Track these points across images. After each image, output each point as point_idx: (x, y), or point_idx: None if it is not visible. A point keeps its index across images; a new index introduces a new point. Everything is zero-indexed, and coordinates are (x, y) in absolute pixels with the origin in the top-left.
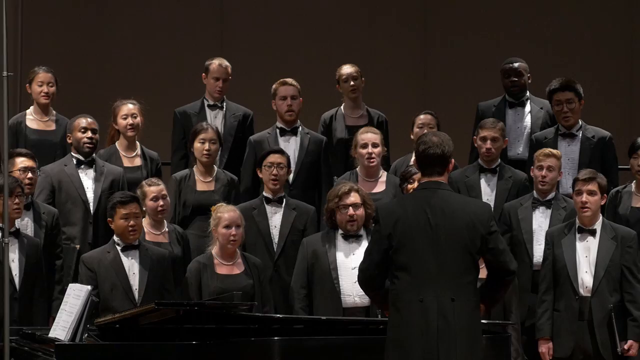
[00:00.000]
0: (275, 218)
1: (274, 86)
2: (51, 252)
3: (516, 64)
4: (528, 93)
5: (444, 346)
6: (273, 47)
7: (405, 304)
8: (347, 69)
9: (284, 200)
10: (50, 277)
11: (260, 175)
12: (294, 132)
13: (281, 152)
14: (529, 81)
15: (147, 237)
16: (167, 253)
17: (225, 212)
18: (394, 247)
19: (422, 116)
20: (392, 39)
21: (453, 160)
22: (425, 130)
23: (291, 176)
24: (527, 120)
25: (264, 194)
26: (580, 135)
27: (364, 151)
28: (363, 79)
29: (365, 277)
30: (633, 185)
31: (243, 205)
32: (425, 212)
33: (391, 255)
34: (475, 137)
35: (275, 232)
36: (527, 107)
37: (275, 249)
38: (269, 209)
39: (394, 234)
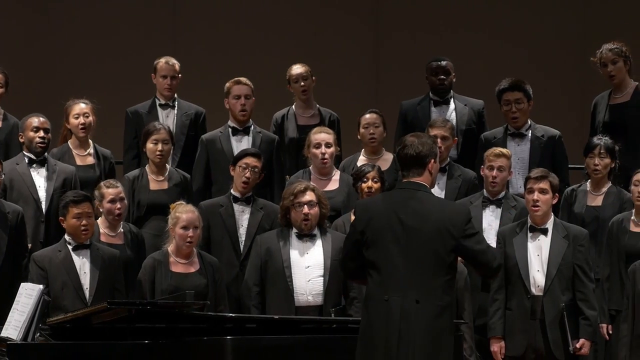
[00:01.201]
0: (243, 217)
1: (227, 85)
2: (16, 252)
3: (444, 62)
4: (452, 91)
5: (404, 348)
6: (225, 45)
7: (373, 303)
8: (297, 69)
9: (252, 199)
10: (16, 276)
11: (232, 174)
12: (246, 131)
13: (258, 155)
14: (454, 80)
15: (102, 239)
16: (118, 253)
17: (183, 213)
18: (366, 244)
19: (367, 115)
20: (344, 37)
21: (432, 161)
22: (371, 130)
23: None
24: (452, 117)
25: (232, 192)
26: (530, 134)
27: (317, 151)
28: (314, 78)
29: (343, 270)
30: (588, 184)
31: (210, 201)
32: (399, 212)
33: (363, 252)
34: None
35: (242, 231)
36: (452, 105)
37: (241, 249)
38: (236, 207)
39: (366, 230)
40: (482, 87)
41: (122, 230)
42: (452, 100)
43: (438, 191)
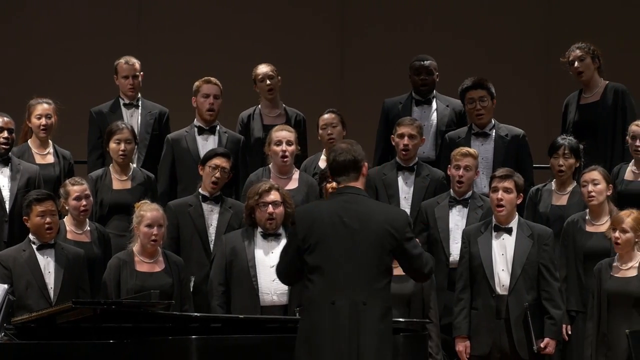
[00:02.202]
0: (212, 216)
1: (196, 83)
2: None
3: (427, 62)
4: (435, 91)
5: (354, 350)
6: (190, 46)
7: (317, 307)
8: (262, 69)
9: (221, 199)
10: None
11: (201, 173)
12: (212, 130)
13: (228, 156)
14: (437, 79)
15: (69, 236)
16: (83, 252)
17: (148, 211)
18: (309, 249)
19: (325, 116)
20: (309, 36)
21: (367, 165)
22: (329, 130)
23: None
24: (434, 117)
25: (201, 191)
26: (494, 134)
27: (277, 149)
28: (279, 78)
29: (282, 276)
30: (553, 183)
31: (179, 201)
32: (341, 216)
33: (305, 258)
34: (392, 135)
35: (212, 230)
36: (434, 105)
37: (211, 248)
38: (205, 207)
39: (308, 236)
40: (448, 85)
41: (88, 228)
42: (434, 100)
43: (406, 190)
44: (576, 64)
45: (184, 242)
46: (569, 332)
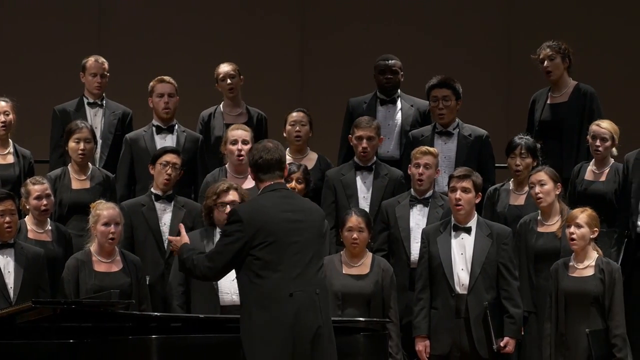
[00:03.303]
0: (165, 216)
1: (151, 83)
2: None
3: (391, 62)
4: (399, 90)
5: (317, 339)
6: (151, 45)
7: (275, 301)
8: (224, 68)
9: (173, 197)
10: None
11: (152, 172)
12: (170, 129)
13: (177, 152)
14: (402, 79)
15: (30, 236)
16: (43, 252)
17: (104, 210)
18: (259, 245)
19: (294, 113)
20: (271, 37)
21: (287, 166)
22: (297, 128)
23: None
24: (398, 117)
25: (153, 190)
26: (457, 133)
27: (233, 148)
28: (242, 77)
29: (217, 271)
30: (511, 183)
31: (131, 201)
32: (285, 210)
33: (255, 254)
34: (350, 135)
35: (165, 229)
36: (398, 105)
37: (166, 247)
38: (158, 206)
39: (259, 232)
40: (410, 84)
41: (49, 227)
42: (399, 99)
43: (365, 190)
44: (545, 63)
45: (137, 242)
46: (522, 333)
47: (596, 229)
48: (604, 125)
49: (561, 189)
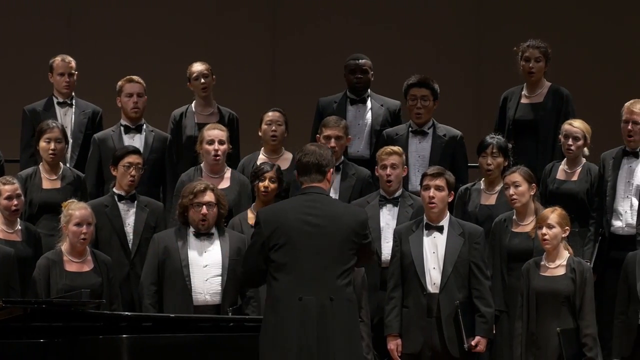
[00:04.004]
0: (129, 216)
1: (119, 83)
2: None
3: (362, 61)
4: (369, 90)
5: (323, 345)
6: (120, 45)
7: (284, 304)
8: (197, 67)
9: (136, 197)
10: None
11: (114, 173)
12: (138, 129)
13: (139, 152)
14: (372, 78)
15: (0, 235)
16: (13, 252)
17: (76, 210)
18: (274, 247)
19: (270, 113)
20: (240, 36)
21: (331, 170)
22: (274, 127)
23: None
24: (368, 117)
25: (115, 190)
26: (432, 133)
27: (209, 148)
28: (214, 76)
29: (247, 277)
30: (482, 183)
31: (94, 202)
32: (307, 214)
33: (270, 256)
34: (318, 135)
35: (129, 230)
36: (369, 104)
37: (130, 247)
38: (121, 206)
39: (274, 235)
40: (380, 82)
41: (19, 227)
42: (369, 99)
43: (332, 190)
44: (531, 63)
45: (102, 243)
46: (494, 332)
47: (567, 227)
48: (577, 125)
49: (536, 189)
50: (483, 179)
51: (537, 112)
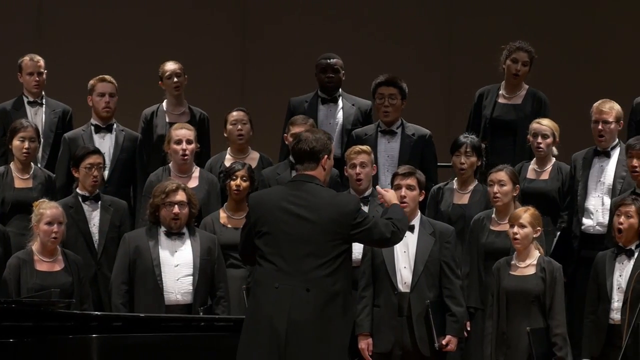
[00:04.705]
0: (94, 216)
1: (91, 82)
2: None
3: (333, 60)
4: (340, 90)
5: (294, 335)
6: (91, 45)
7: (262, 289)
8: (170, 66)
9: (100, 197)
10: None
11: (77, 175)
12: (108, 129)
13: (98, 152)
14: (343, 78)
15: None
16: None
17: (47, 209)
18: (258, 234)
19: (234, 113)
20: (210, 37)
21: (326, 157)
22: (239, 126)
23: (106, 173)
24: (340, 116)
25: (79, 191)
26: (401, 132)
27: (177, 147)
28: (186, 76)
29: (242, 257)
30: (455, 182)
31: (59, 202)
32: (290, 203)
33: (255, 242)
34: (286, 134)
35: (94, 230)
36: (340, 104)
37: (96, 247)
38: (85, 207)
39: (259, 221)
40: (352, 80)
41: None
42: (340, 98)
43: None
44: (519, 66)
45: (68, 244)
46: (468, 329)
47: (539, 228)
48: (545, 123)
49: (519, 190)
50: (456, 178)
51: (516, 113)
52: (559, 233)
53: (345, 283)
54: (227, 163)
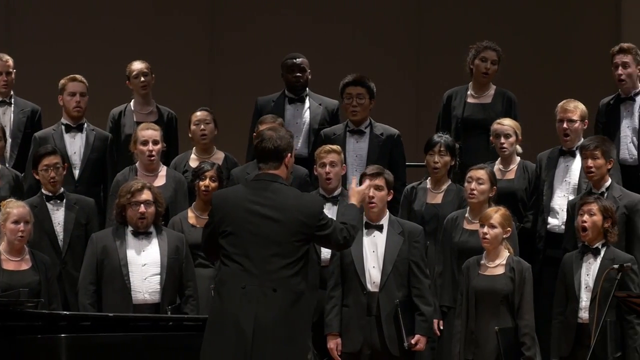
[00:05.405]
0: (58, 215)
1: (62, 81)
2: None
3: (299, 59)
4: (307, 89)
5: (260, 335)
6: (60, 44)
7: (228, 288)
8: (137, 65)
9: (64, 196)
10: None
11: (37, 177)
12: (79, 128)
13: (54, 152)
14: (310, 77)
15: None
16: None
17: (14, 208)
18: (223, 234)
19: (198, 113)
20: (178, 36)
21: (289, 155)
22: (202, 126)
23: (77, 172)
24: (307, 116)
25: (43, 191)
26: (369, 132)
27: (144, 148)
28: (153, 75)
29: (206, 254)
30: (428, 181)
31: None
32: (254, 203)
33: (219, 242)
34: (255, 134)
35: (59, 229)
36: (307, 103)
37: (61, 246)
38: (50, 206)
39: (222, 220)
40: (319, 80)
41: None
42: (307, 98)
43: None
44: (488, 64)
45: (33, 244)
46: (441, 327)
47: (509, 228)
48: (506, 122)
49: (495, 192)
50: (429, 177)
51: (487, 112)
52: (516, 232)
53: (307, 283)
54: (192, 163)
